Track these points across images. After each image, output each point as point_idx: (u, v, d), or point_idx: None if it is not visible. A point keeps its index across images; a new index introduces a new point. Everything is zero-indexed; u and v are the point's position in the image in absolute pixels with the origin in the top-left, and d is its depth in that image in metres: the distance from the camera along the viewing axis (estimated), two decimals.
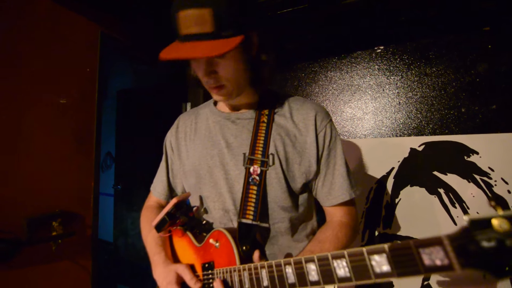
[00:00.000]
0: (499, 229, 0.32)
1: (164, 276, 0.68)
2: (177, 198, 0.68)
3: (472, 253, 0.33)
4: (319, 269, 0.44)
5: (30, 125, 1.33)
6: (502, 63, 1.45)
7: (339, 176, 0.72)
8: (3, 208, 1.24)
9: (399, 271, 0.36)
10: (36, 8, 1.36)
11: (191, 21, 0.58)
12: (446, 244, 0.34)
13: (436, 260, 0.34)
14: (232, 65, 0.65)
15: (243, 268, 0.57)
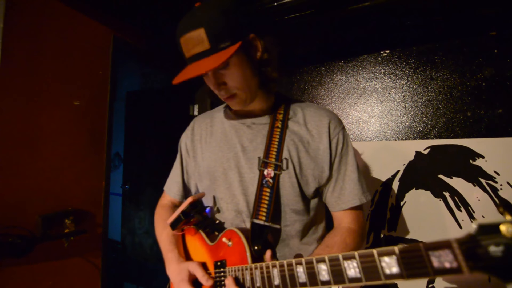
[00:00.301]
0: (507, 234, 0.33)
1: (177, 273, 0.70)
2: (193, 197, 0.70)
3: (480, 256, 0.34)
4: (330, 269, 0.45)
5: (45, 126, 1.36)
6: (508, 67, 1.44)
7: (349, 181, 0.73)
8: (20, 205, 1.27)
9: (409, 272, 0.38)
10: (55, 15, 1.40)
11: (191, 44, 0.62)
12: (455, 247, 0.35)
13: (445, 263, 0.35)
14: (238, 73, 0.67)
15: (254, 267, 0.59)
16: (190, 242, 0.80)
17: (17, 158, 1.28)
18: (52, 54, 1.40)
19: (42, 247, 1.31)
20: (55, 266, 1.39)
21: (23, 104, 1.29)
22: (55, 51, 1.41)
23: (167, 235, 0.80)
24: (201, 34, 0.60)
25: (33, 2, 1.34)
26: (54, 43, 1.40)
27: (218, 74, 0.67)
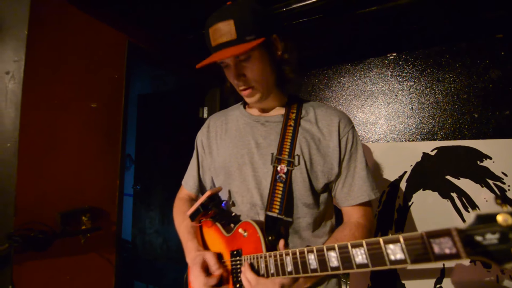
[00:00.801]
0: (503, 223, 0.36)
1: (194, 258, 0.75)
2: (211, 191, 0.75)
3: (478, 243, 0.37)
4: (339, 256, 0.49)
5: (65, 128, 1.44)
6: None
7: (358, 178, 0.77)
8: (41, 202, 1.34)
9: (412, 258, 0.41)
10: (74, 22, 1.48)
11: (219, 33, 0.67)
12: (454, 235, 0.39)
13: (445, 249, 0.39)
14: (258, 67, 0.72)
15: (269, 255, 0.63)
16: (207, 234, 0.85)
17: (39, 158, 1.35)
18: (72, 59, 1.47)
19: (60, 243, 1.37)
20: (72, 261, 1.46)
21: (45, 107, 1.37)
22: (74, 55, 1.48)
23: (185, 226, 0.86)
24: (230, 24, 0.66)
25: (54, 10, 1.41)
26: (74, 48, 1.48)
27: (240, 65, 0.72)
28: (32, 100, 1.32)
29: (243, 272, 0.66)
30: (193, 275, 0.72)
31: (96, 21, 1.57)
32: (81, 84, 1.51)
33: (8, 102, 1.30)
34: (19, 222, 1.27)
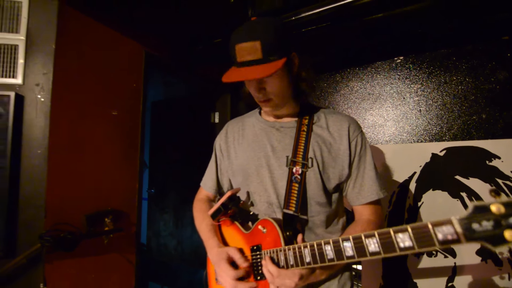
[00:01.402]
0: (496, 212, 0.42)
1: (218, 255, 0.82)
2: (231, 191, 0.82)
3: (475, 230, 0.43)
4: (353, 246, 0.56)
5: (89, 135, 1.54)
6: None
7: (368, 179, 0.83)
8: (69, 205, 1.44)
9: (419, 244, 0.47)
10: (96, 35, 1.59)
11: (245, 52, 0.74)
12: (455, 223, 0.45)
13: (447, 236, 0.45)
14: (278, 82, 0.80)
15: (287, 248, 0.69)
16: (226, 232, 0.92)
17: (66, 163, 1.45)
18: (94, 70, 1.58)
19: (85, 243, 1.47)
20: (96, 260, 1.55)
21: (71, 115, 1.48)
22: (96, 66, 1.59)
23: (206, 225, 0.93)
24: (257, 45, 0.72)
25: (77, 25, 1.53)
26: (95, 60, 1.59)
27: (261, 80, 0.79)
28: (59, 110, 1.43)
29: (264, 265, 0.72)
30: (221, 270, 0.79)
31: (115, 33, 1.68)
32: (103, 93, 1.61)
33: (38, 111, 1.41)
34: (49, 224, 1.37)
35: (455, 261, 1.49)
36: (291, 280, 0.67)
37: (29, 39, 1.42)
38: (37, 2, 1.45)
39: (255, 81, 0.79)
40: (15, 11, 1.44)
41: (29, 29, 1.43)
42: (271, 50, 0.73)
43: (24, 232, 1.36)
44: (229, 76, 0.77)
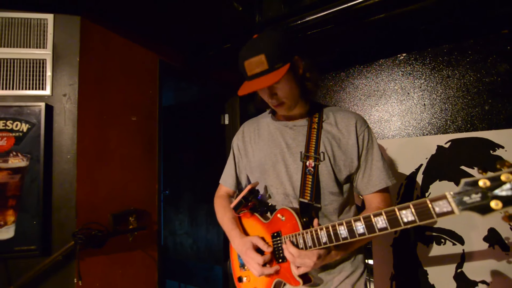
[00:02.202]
0: (483, 186, 0.51)
1: (243, 244, 0.91)
2: (251, 185, 0.92)
3: (466, 202, 0.52)
4: (364, 225, 0.65)
5: (112, 140, 1.66)
6: None
7: (376, 169, 0.92)
8: (97, 206, 1.56)
9: (420, 218, 0.56)
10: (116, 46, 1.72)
11: (253, 65, 0.85)
12: (449, 197, 0.54)
13: (443, 208, 0.54)
14: (287, 86, 0.89)
15: (305, 232, 0.79)
16: (246, 223, 1.02)
17: (93, 166, 1.58)
18: (114, 79, 1.71)
19: (112, 241, 1.58)
20: (122, 257, 1.67)
21: (96, 122, 1.60)
22: (116, 76, 1.72)
23: (228, 218, 1.03)
24: (262, 58, 0.82)
25: (99, 38, 1.65)
26: (115, 70, 1.71)
27: (272, 87, 0.89)
28: (85, 117, 1.56)
29: (285, 248, 0.82)
30: (248, 257, 0.89)
31: (132, 44, 1.80)
32: (123, 100, 1.73)
33: (66, 120, 1.54)
34: (79, 223, 1.49)
35: (464, 248, 1.56)
36: (310, 259, 0.76)
37: (55, 53, 1.55)
38: (61, 19, 1.58)
39: (267, 89, 0.89)
40: (41, 28, 1.57)
41: (55, 44, 1.56)
42: (275, 59, 0.83)
43: (57, 232, 1.49)
44: (243, 89, 0.87)
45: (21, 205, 1.47)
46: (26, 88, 1.53)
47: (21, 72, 1.53)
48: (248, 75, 0.87)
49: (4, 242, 1.45)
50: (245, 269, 1.01)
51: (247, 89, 0.86)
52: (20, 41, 1.54)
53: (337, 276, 0.89)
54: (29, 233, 1.46)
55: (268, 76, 0.83)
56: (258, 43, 0.86)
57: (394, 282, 1.73)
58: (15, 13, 1.54)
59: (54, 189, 1.50)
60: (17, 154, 1.48)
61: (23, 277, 1.41)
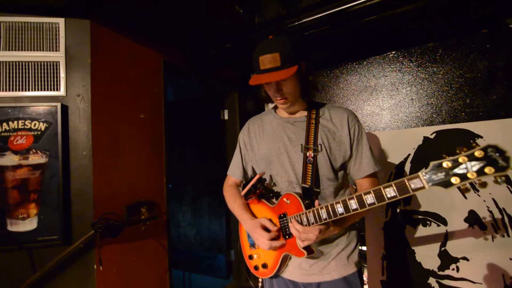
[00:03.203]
0: (446, 167, 0.67)
1: (252, 224, 1.07)
2: (259, 175, 1.07)
3: (434, 179, 0.68)
4: (356, 201, 0.81)
5: (123, 137, 1.79)
6: (499, 59, 1.73)
7: (365, 157, 1.08)
8: (112, 198, 1.70)
9: (400, 193, 0.73)
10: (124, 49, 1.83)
11: (267, 61, 0.98)
12: (421, 176, 0.70)
13: (417, 185, 0.70)
14: (292, 84, 1.04)
15: (308, 211, 0.95)
16: (254, 209, 1.17)
17: (107, 161, 1.71)
18: (123, 79, 1.82)
19: (126, 231, 1.72)
20: (136, 245, 1.81)
21: (108, 120, 1.73)
22: (125, 76, 1.83)
23: (238, 205, 1.18)
24: (276, 56, 0.96)
25: (107, 40, 1.76)
26: (124, 70, 1.83)
27: (279, 83, 1.03)
28: (98, 116, 1.68)
29: (291, 226, 0.98)
30: (257, 234, 1.04)
31: (139, 46, 1.92)
32: (131, 99, 1.86)
33: (81, 118, 1.66)
34: (96, 215, 1.63)
35: (447, 228, 1.75)
36: (313, 234, 0.92)
37: (67, 55, 1.66)
38: (72, 22, 1.68)
39: (274, 84, 1.03)
40: (53, 32, 1.67)
41: (67, 47, 1.67)
42: (287, 59, 0.97)
43: (77, 222, 1.63)
44: (255, 80, 1.01)
45: (42, 198, 1.60)
46: (41, 89, 1.63)
47: (36, 74, 1.64)
48: (260, 69, 1.00)
49: (28, 233, 1.58)
50: (255, 248, 1.17)
51: (258, 80, 1.00)
52: (34, 45, 1.64)
53: (334, 248, 1.06)
54: (51, 224, 1.60)
55: (278, 72, 0.97)
56: (274, 43, 0.99)
57: (385, 261, 1.92)
58: (29, 17, 1.64)
59: (72, 183, 1.63)
60: (36, 152, 1.60)
61: (47, 264, 1.54)
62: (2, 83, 1.60)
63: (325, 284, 1.04)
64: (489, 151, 0.65)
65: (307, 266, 1.06)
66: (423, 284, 1.80)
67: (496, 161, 0.64)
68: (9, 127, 1.58)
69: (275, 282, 1.15)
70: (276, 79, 0.97)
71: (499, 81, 1.72)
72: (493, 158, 0.64)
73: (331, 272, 1.04)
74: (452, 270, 1.74)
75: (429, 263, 1.79)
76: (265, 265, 1.11)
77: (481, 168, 0.64)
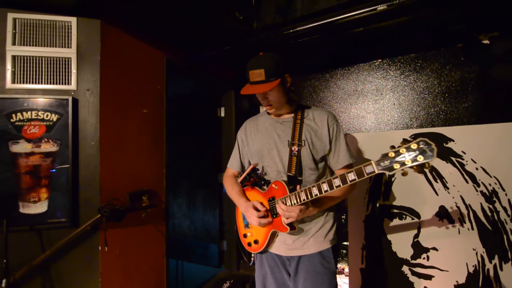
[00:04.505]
0: (391, 156, 0.97)
1: (246, 206, 1.34)
2: (252, 165, 1.35)
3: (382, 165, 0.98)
4: (327, 184, 1.10)
5: (128, 130, 2.04)
6: (471, 71, 2.04)
7: (342, 151, 1.35)
8: (117, 186, 1.95)
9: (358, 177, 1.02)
10: (129, 47, 2.08)
11: (255, 75, 1.26)
12: (373, 163, 0.99)
13: (370, 170, 0.99)
14: (275, 94, 1.32)
15: (292, 194, 1.22)
16: (249, 194, 1.45)
17: (113, 152, 1.96)
18: (129, 76, 2.07)
19: (128, 216, 1.98)
20: (137, 230, 2.07)
21: (115, 114, 1.98)
22: (131, 73, 2.08)
23: (236, 191, 1.46)
24: (262, 72, 1.24)
25: (115, 39, 2.01)
26: (130, 67, 2.08)
27: (265, 93, 1.30)
28: (106, 109, 1.93)
29: (278, 206, 1.25)
30: (249, 212, 1.32)
31: (143, 44, 2.17)
32: (136, 94, 2.11)
33: (90, 111, 1.91)
34: (102, 200, 1.88)
35: (420, 221, 2.06)
36: (294, 212, 1.20)
37: (79, 52, 1.91)
38: (83, 22, 1.92)
39: (262, 94, 1.32)
40: (66, 30, 1.91)
41: (79, 44, 1.91)
42: (271, 74, 1.25)
43: (84, 207, 1.88)
44: (245, 90, 1.30)
45: (53, 184, 1.85)
46: (54, 83, 1.88)
47: (49, 69, 1.87)
48: (250, 80, 1.29)
49: (39, 215, 1.82)
50: (248, 227, 1.45)
51: (248, 91, 1.29)
52: (48, 41, 1.88)
53: (313, 227, 1.34)
54: (60, 208, 1.84)
55: (263, 85, 1.26)
56: (262, 59, 1.28)
57: (364, 251, 2.23)
58: (43, 15, 1.87)
59: (81, 171, 1.88)
60: (48, 141, 1.85)
61: (56, 244, 1.79)
62: (17, 75, 1.83)
63: (304, 257, 1.33)
64: (421, 144, 0.94)
65: (290, 241, 1.34)
66: (397, 271, 2.11)
67: (425, 151, 0.93)
68: (23, 117, 1.82)
69: (264, 256, 1.44)
70: (260, 91, 1.26)
71: (471, 91, 2.04)
72: (424, 149, 0.93)
73: (310, 247, 1.33)
74: (423, 259, 2.05)
75: (403, 253, 2.10)
76: (256, 241, 1.39)
77: (414, 157, 0.94)
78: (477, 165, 1.94)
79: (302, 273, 1.32)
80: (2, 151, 1.77)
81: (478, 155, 1.93)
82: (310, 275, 1.30)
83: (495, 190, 1.90)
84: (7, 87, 1.81)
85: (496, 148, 1.86)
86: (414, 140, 0.95)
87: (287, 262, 1.38)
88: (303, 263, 1.32)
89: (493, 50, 1.98)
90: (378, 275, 2.17)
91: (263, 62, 1.26)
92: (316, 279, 1.29)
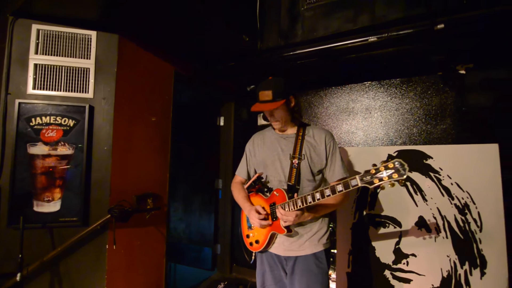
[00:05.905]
0: (372, 172, 1.25)
1: (250, 209, 1.60)
2: (258, 174, 1.62)
3: (364, 180, 1.27)
4: (320, 194, 1.37)
5: (136, 136, 2.28)
6: (449, 97, 2.38)
7: (337, 166, 1.62)
8: (125, 188, 2.18)
9: (344, 188, 1.30)
10: (141, 59, 2.33)
11: (264, 95, 1.54)
12: (357, 178, 1.28)
13: (354, 183, 1.28)
14: (281, 112, 1.59)
15: (290, 201, 1.49)
16: (253, 200, 1.71)
17: (123, 157, 2.19)
18: (141, 86, 2.32)
19: (133, 218, 2.20)
20: (140, 231, 2.29)
21: (127, 121, 2.22)
22: (142, 84, 2.33)
23: (242, 196, 1.72)
24: (270, 93, 1.51)
25: (130, 52, 2.26)
26: (142, 78, 2.33)
27: (271, 111, 1.57)
28: (119, 117, 2.17)
29: (277, 211, 1.52)
30: (251, 215, 1.57)
31: (155, 58, 2.43)
32: (146, 104, 2.36)
33: (104, 118, 2.14)
34: (112, 201, 2.10)
35: (401, 230, 2.36)
36: (291, 216, 1.47)
37: (97, 64, 2.14)
38: (102, 36, 2.17)
39: (269, 112, 1.60)
40: (86, 42, 2.15)
41: (97, 56, 2.15)
42: (278, 95, 1.53)
43: (94, 207, 2.09)
44: (255, 108, 1.57)
45: (66, 185, 2.06)
46: (72, 91, 2.10)
47: (69, 77, 2.11)
48: (259, 100, 1.57)
49: (52, 214, 2.02)
50: (251, 229, 1.71)
51: (257, 108, 1.56)
52: (68, 52, 2.11)
53: (309, 231, 1.61)
54: (72, 207, 2.05)
55: (271, 103, 1.54)
56: (270, 83, 1.56)
57: (351, 256, 2.51)
58: (66, 28, 2.10)
59: (93, 174, 2.09)
60: (64, 144, 2.06)
61: (67, 242, 2.00)
62: (38, 82, 2.05)
63: (300, 258, 1.60)
64: (396, 164, 1.23)
65: (288, 243, 1.61)
66: (380, 275, 2.40)
67: (399, 170, 1.22)
68: (42, 121, 2.04)
69: (264, 255, 1.70)
70: (267, 108, 1.54)
71: (448, 114, 2.37)
72: (398, 168, 1.22)
73: (305, 249, 1.60)
74: (403, 264, 2.34)
75: (386, 258, 2.39)
76: (257, 241, 1.65)
77: (390, 174, 1.23)
78: (452, 180, 2.24)
79: (298, 272, 1.58)
80: (21, 152, 1.98)
81: (453, 171, 2.24)
82: (305, 273, 1.56)
83: (467, 204, 2.20)
84: (28, 93, 2.02)
85: (469, 166, 2.17)
86: (391, 160, 1.23)
87: (285, 262, 1.64)
88: (299, 263, 1.58)
89: (468, 80, 2.33)
90: (363, 279, 2.45)
91: (272, 84, 1.55)
92: (311, 277, 1.55)
